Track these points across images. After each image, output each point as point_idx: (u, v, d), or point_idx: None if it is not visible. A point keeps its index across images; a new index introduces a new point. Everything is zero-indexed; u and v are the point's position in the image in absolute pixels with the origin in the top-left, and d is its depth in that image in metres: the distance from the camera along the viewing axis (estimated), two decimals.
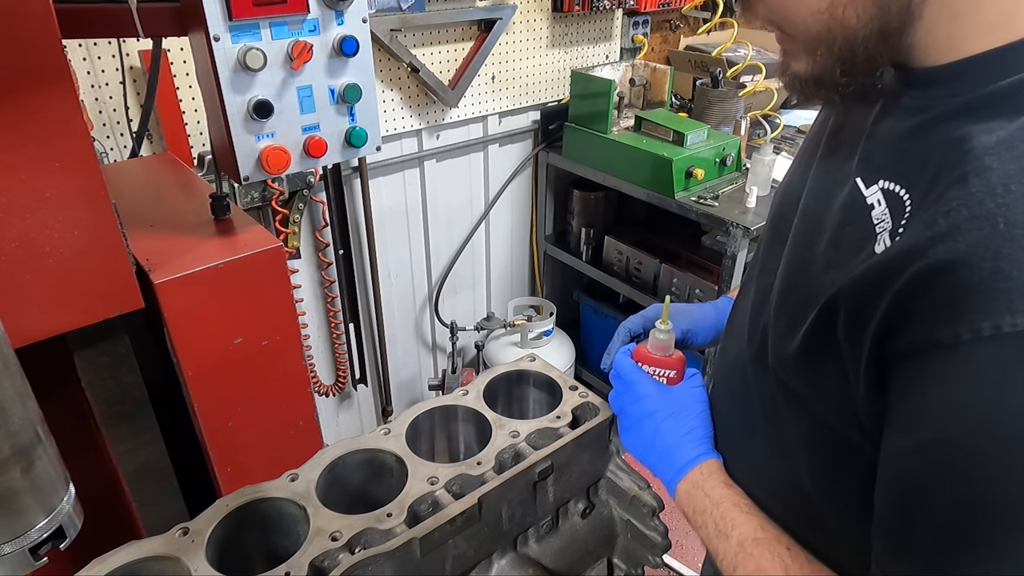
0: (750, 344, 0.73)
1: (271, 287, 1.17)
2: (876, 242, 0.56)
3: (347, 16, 1.07)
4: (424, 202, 2.52)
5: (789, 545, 0.66)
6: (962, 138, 0.52)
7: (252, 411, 1.22)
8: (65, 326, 0.97)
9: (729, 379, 0.82)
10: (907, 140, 0.58)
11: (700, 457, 0.79)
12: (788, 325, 0.64)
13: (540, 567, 0.92)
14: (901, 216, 0.55)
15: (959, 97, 0.54)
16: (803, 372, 0.64)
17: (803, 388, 0.65)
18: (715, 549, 0.71)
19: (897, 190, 0.57)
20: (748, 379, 0.75)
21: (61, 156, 0.87)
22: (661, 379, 0.86)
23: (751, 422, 0.76)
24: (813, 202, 0.69)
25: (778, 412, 0.70)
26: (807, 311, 0.61)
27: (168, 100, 1.79)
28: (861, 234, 0.59)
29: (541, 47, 2.58)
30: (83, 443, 1.23)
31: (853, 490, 0.64)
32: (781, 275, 0.69)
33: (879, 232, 0.57)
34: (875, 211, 0.58)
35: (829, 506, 0.68)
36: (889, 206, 0.57)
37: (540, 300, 2.91)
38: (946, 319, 0.48)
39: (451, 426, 1.01)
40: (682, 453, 0.79)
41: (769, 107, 2.66)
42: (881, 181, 0.59)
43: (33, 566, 0.64)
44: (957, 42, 0.54)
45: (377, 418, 2.77)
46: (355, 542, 0.76)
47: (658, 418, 0.83)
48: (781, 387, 0.67)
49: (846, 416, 0.60)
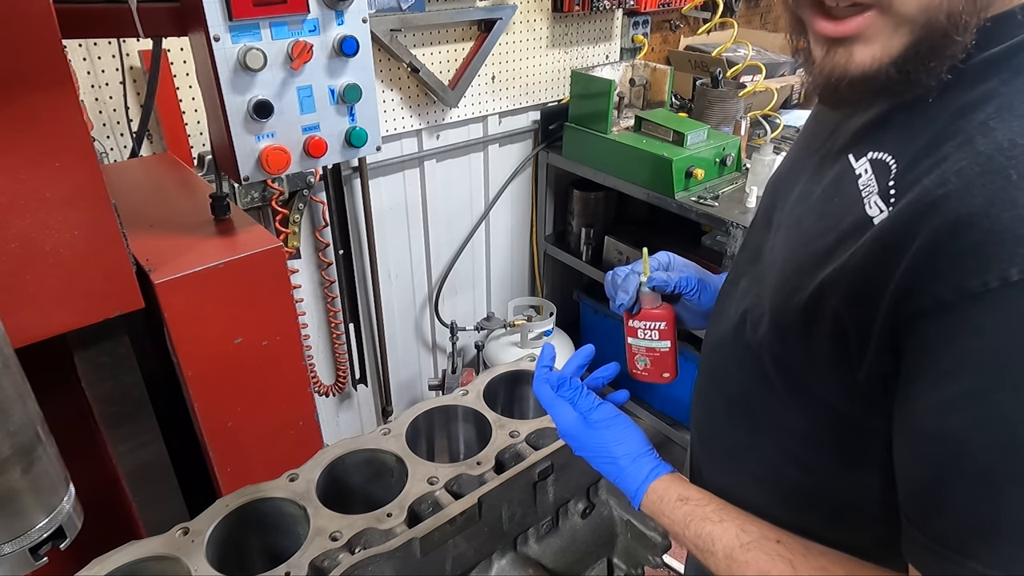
0: (741, 328, 0.74)
1: (271, 287, 1.17)
2: (866, 205, 0.58)
3: (347, 16, 1.07)
4: (424, 202, 2.52)
5: (778, 538, 0.65)
6: (966, 104, 0.54)
7: (252, 411, 1.22)
8: (65, 326, 0.97)
9: (714, 362, 0.82)
10: (901, 113, 0.60)
11: (644, 484, 0.76)
12: (783, 299, 0.65)
13: (540, 567, 0.92)
14: (887, 178, 0.57)
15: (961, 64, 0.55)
16: (798, 345, 0.64)
17: (798, 363, 0.65)
18: (707, 566, 0.70)
19: (883, 157, 0.59)
20: (736, 361, 0.75)
21: (61, 156, 0.87)
22: (653, 332, 0.86)
23: (737, 404, 0.77)
24: (806, 187, 0.70)
25: (770, 392, 0.70)
26: (801, 283, 0.62)
27: (168, 100, 1.79)
28: (847, 200, 0.61)
29: (541, 47, 2.58)
30: (83, 443, 1.23)
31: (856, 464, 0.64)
32: (775, 256, 0.70)
33: (865, 195, 0.58)
34: (862, 179, 0.60)
35: (832, 485, 0.68)
36: (875, 172, 0.59)
37: (540, 300, 2.91)
38: (972, 269, 0.48)
39: (451, 426, 1.01)
40: (626, 483, 0.77)
41: (769, 107, 2.66)
42: (870, 152, 0.61)
43: (33, 566, 0.64)
44: None
45: (377, 418, 2.77)
46: (355, 542, 0.76)
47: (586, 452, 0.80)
48: (775, 364, 0.68)
49: (841, 387, 0.61)
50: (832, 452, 0.68)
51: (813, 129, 0.77)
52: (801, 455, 0.70)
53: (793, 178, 0.75)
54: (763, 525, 0.67)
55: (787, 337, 0.65)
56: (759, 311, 0.70)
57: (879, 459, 0.62)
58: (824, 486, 0.70)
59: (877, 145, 0.61)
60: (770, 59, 2.71)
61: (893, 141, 0.59)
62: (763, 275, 0.72)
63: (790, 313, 0.64)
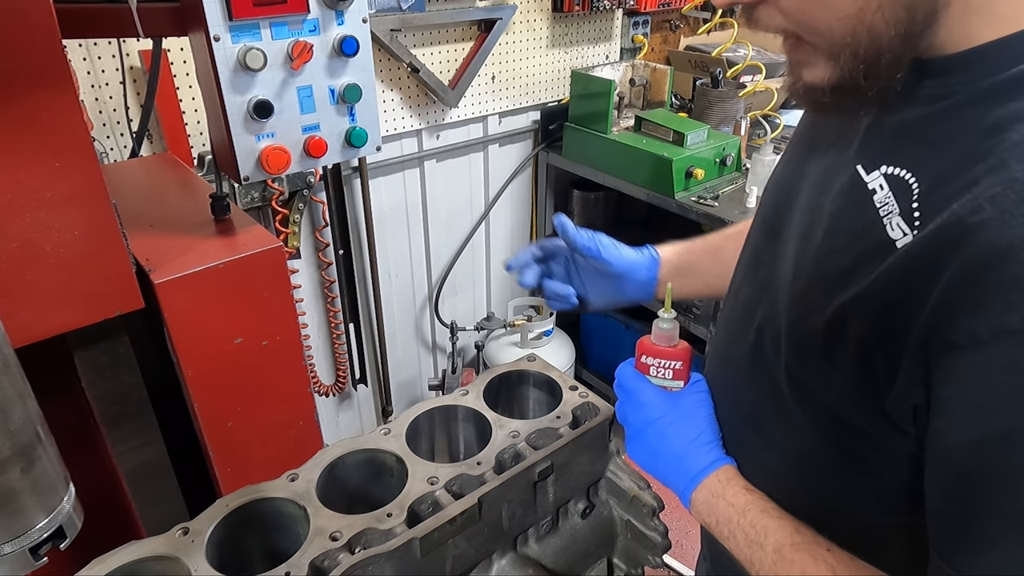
0: (752, 341, 0.72)
1: (271, 287, 1.17)
2: (887, 226, 0.56)
3: (347, 16, 1.07)
4: (424, 202, 2.52)
5: (829, 547, 0.64)
6: (996, 124, 0.52)
7: (252, 411, 1.22)
8: (65, 326, 0.97)
9: (723, 376, 0.81)
10: (923, 126, 0.58)
11: (714, 464, 0.76)
12: (800, 319, 0.64)
13: (540, 567, 0.92)
14: (909, 198, 0.55)
15: (983, 81, 0.54)
16: (817, 366, 0.63)
17: (815, 382, 0.64)
18: (748, 559, 0.69)
19: (901, 174, 0.57)
20: (749, 376, 0.74)
21: (61, 156, 0.87)
22: (667, 371, 0.82)
23: (750, 420, 0.75)
24: (814, 195, 0.68)
25: (784, 408, 0.69)
26: (818, 303, 0.61)
27: (168, 100, 1.79)
28: (863, 219, 0.58)
29: (541, 47, 2.58)
30: (83, 443, 1.23)
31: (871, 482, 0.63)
32: (785, 269, 0.69)
33: (885, 215, 0.56)
34: (877, 195, 0.58)
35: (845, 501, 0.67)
36: (893, 190, 0.57)
37: (540, 300, 2.91)
38: (1009, 305, 0.47)
39: (451, 426, 1.01)
40: (693, 461, 0.76)
41: (769, 107, 2.66)
42: (884, 167, 0.59)
43: (33, 566, 0.64)
44: (972, 34, 0.55)
45: (377, 418, 2.77)
46: (355, 542, 0.76)
47: (662, 424, 0.80)
48: (790, 381, 0.66)
49: (862, 409, 0.60)
50: (845, 469, 0.66)
51: (812, 127, 0.74)
52: (813, 471, 0.70)
53: (795, 181, 0.72)
54: (817, 534, 0.66)
55: (806, 357, 0.64)
56: (775, 329, 0.68)
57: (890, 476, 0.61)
58: (831, 502, 0.69)
59: (891, 158, 0.59)
60: (770, 59, 2.71)
61: (909, 155, 0.57)
62: (770, 286, 0.71)
63: (808, 335, 0.63)
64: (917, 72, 0.59)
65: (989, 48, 0.54)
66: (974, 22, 0.54)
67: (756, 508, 0.70)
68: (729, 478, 0.74)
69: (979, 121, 0.53)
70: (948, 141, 0.55)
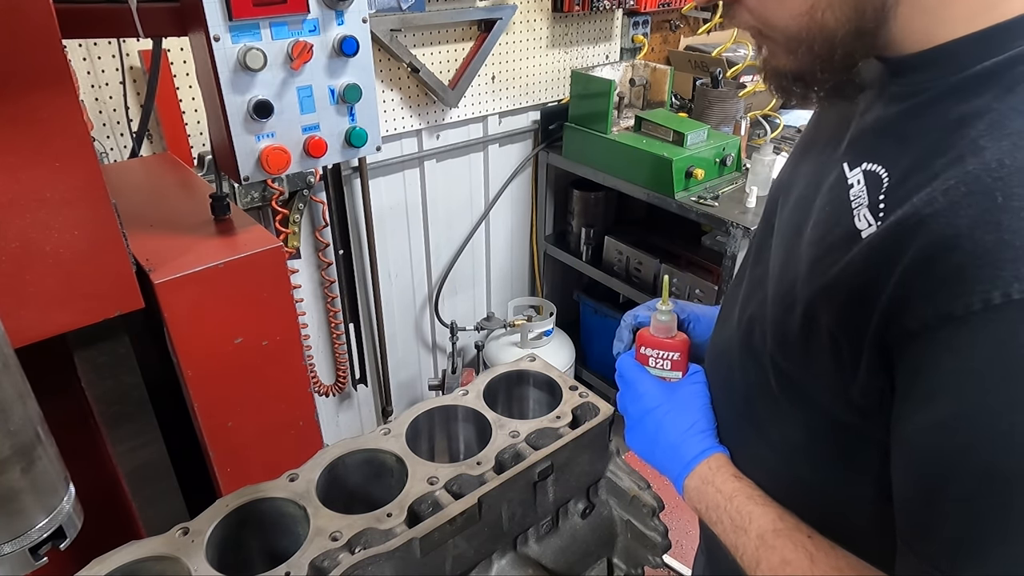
0: (743, 332, 0.74)
1: (271, 287, 1.17)
2: (855, 217, 0.58)
3: (347, 16, 1.07)
4: (424, 202, 2.52)
5: (810, 533, 0.66)
6: (961, 119, 0.54)
7: (252, 411, 1.22)
8: (65, 326, 0.97)
9: (719, 369, 0.82)
10: (896, 123, 0.60)
11: (707, 451, 0.78)
12: (783, 311, 0.65)
13: (540, 567, 0.92)
14: (878, 191, 0.57)
15: (951, 78, 0.56)
16: (798, 357, 0.64)
17: (799, 373, 0.65)
18: (733, 544, 0.71)
19: (876, 169, 0.59)
20: (741, 368, 0.75)
21: (61, 156, 0.87)
22: (665, 361, 0.85)
23: (743, 412, 0.77)
24: (806, 192, 0.70)
25: (773, 401, 0.70)
26: (798, 295, 0.63)
27: (168, 100, 1.79)
28: (837, 212, 0.61)
29: (541, 47, 2.58)
30: (83, 443, 1.23)
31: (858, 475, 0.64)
32: (775, 263, 0.71)
33: (855, 207, 0.59)
34: (853, 190, 0.60)
35: (834, 494, 0.68)
36: (867, 184, 0.59)
37: (540, 300, 2.91)
38: (955, 292, 0.48)
39: (451, 426, 1.01)
40: (687, 448, 0.79)
41: (769, 107, 2.66)
42: (864, 164, 0.61)
43: (33, 566, 0.64)
44: (932, 33, 0.57)
45: (377, 418, 2.77)
46: (355, 542, 0.76)
47: (659, 413, 0.83)
48: (777, 374, 0.68)
49: (840, 399, 0.61)
50: (833, 462, 0.68)
51: (814, 131, 0.77)
52: (802, 463, 0.70)
53: (793, 180, 0.75)
54: (800, 521, 0.68)
55: (788, 349, 0.66)
56: (763, 322, 0.70)
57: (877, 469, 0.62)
58: (819, 495, 0.70)
59: (870, 155, 0.61)
60: None
61: (885, 152, 0.60)
62: (763, 280, 0.72)
63: (788, 325, 0.64)
64: (887, 71, 0.62)
65: (956, 45, 0.55)
66: (930, 21, 0.56)
67: (743, 495, 0.72)
68: (720, 465, 0.77)
69: (947, 116, 0.55)
70: (918, 137, 0.57)
